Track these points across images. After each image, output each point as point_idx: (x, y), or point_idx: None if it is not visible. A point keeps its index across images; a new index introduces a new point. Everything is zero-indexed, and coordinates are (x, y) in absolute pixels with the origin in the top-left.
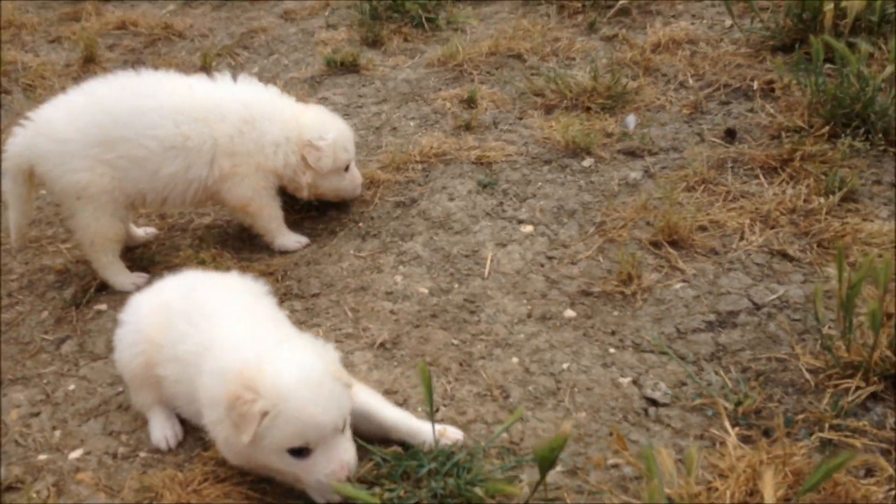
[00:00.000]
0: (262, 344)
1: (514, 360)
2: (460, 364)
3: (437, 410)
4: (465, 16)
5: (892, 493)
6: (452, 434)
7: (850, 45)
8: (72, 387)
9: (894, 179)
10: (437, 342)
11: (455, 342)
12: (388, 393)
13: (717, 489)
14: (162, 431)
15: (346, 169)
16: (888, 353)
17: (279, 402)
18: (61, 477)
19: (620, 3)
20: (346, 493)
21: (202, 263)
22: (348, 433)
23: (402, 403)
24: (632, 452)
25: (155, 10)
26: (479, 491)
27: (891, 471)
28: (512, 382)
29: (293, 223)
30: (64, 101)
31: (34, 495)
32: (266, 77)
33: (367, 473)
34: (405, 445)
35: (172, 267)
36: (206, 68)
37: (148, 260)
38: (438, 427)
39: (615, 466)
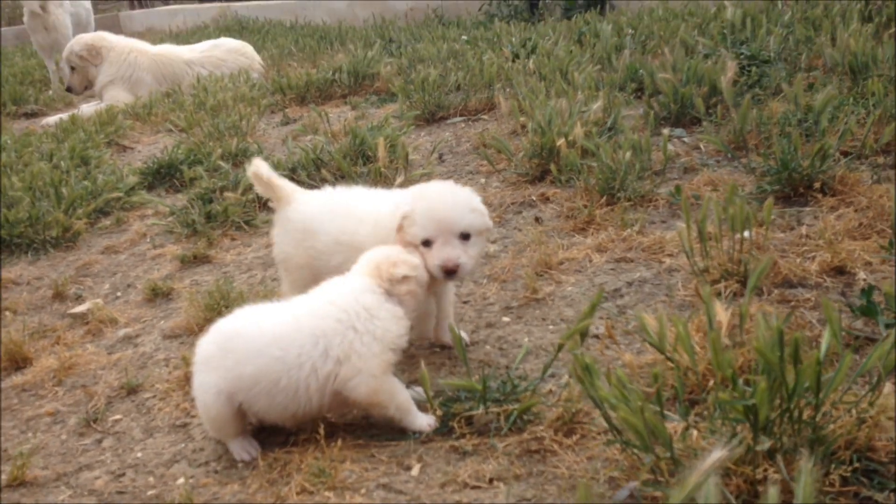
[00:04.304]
0: None
1: (487, 347)
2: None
3: None
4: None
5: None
6: None
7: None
8: (139, 453)
9: (661, 218)
10: None
11: None
12: None
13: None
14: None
15: None
16: (735, 266)
17: None
18: None
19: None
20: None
21: None
22: None
23: None
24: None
25: None
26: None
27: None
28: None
29: None
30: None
31: None
32: (121, 285)
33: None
34: None
35: None
36: (59, 295)
37: None
38: None
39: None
